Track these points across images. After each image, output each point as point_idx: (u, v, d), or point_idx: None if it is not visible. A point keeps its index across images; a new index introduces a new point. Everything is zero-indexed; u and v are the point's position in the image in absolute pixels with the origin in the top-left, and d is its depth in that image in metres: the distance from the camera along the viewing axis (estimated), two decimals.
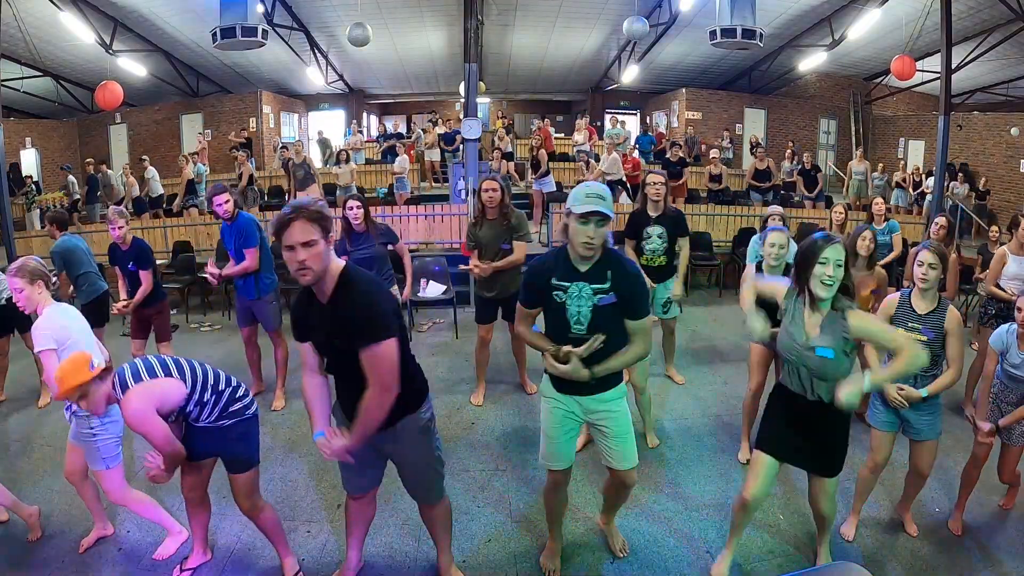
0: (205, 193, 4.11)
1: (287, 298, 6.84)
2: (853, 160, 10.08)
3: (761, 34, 8.95)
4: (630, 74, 13.20)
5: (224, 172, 11.52)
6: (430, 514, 2.34)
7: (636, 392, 3.48)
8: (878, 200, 5.46)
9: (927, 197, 9.98)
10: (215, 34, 8.59)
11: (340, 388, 2.10)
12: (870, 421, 2.72)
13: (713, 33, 8.97)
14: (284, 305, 6.69)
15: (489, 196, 3.81)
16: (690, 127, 13.01)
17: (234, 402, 2.30)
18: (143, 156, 10.39)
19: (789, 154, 9.94)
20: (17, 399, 4.34)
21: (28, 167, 11.55)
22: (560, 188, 9.92)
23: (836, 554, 2.63)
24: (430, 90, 15.97)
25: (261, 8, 9.18)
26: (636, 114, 16.27)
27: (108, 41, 10.20)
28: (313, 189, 8.93)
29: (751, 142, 12.17)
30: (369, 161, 12.33)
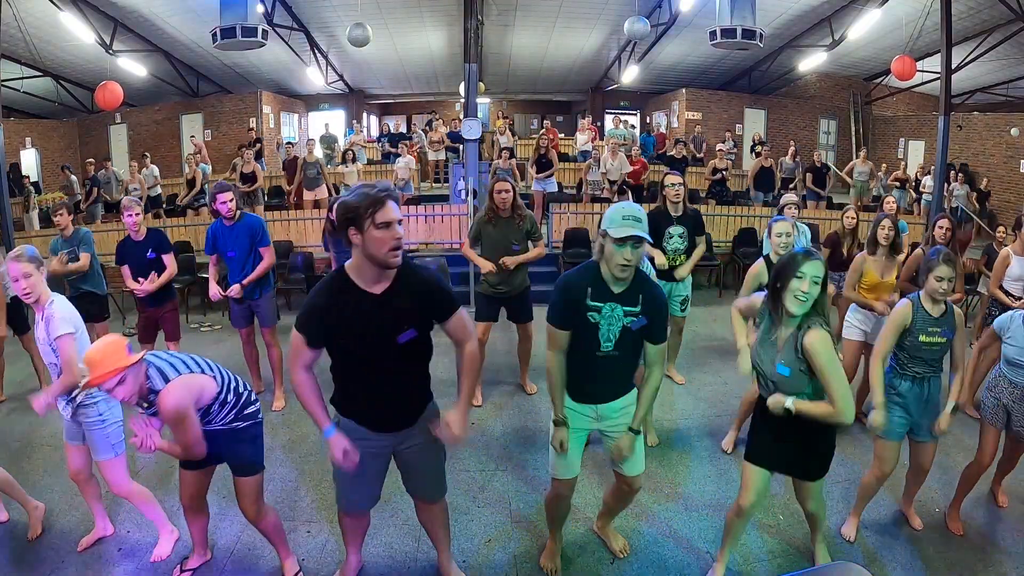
0: (211, 191, 4.09)
1: (287, 298, 6.85)
2: (856, 160, 10.07)
3: (761, 34, 8.95)
4: (630, 74, 13.20)
5: (225, 172, 11.53)
6: (433, 512, 2.33)
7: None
8: (889, 199, 5.51)
9: (923, 197, 10.00)
10: (215, 34, 8.59)
11: (362, 393, 2.02)
12: (883, 432, 2.64)
13: (713, 33, 8.97)
14: (284, 305, 6.74)
15: (503, 197, 3.85)
16: (697, 127, 13.00)
17: (249, 405, 2.30)
18: (145, 153, 10.39)
19: (792, 152, 9.93)
20: (17, 399, 4.34)
21: (28, 167, 11.54)
22: (560, 188, 9.91)
23: (836, 554, 2.64)
24: (430, 90, 15.96)
25: (261, 8, 9.17)
26: (636, 114, 16.27)
27: (108, 41, 10.19)
28: (322, 190, 8.94)
29: (754, 140, 12.14)
30: (370, 161, 12.33)
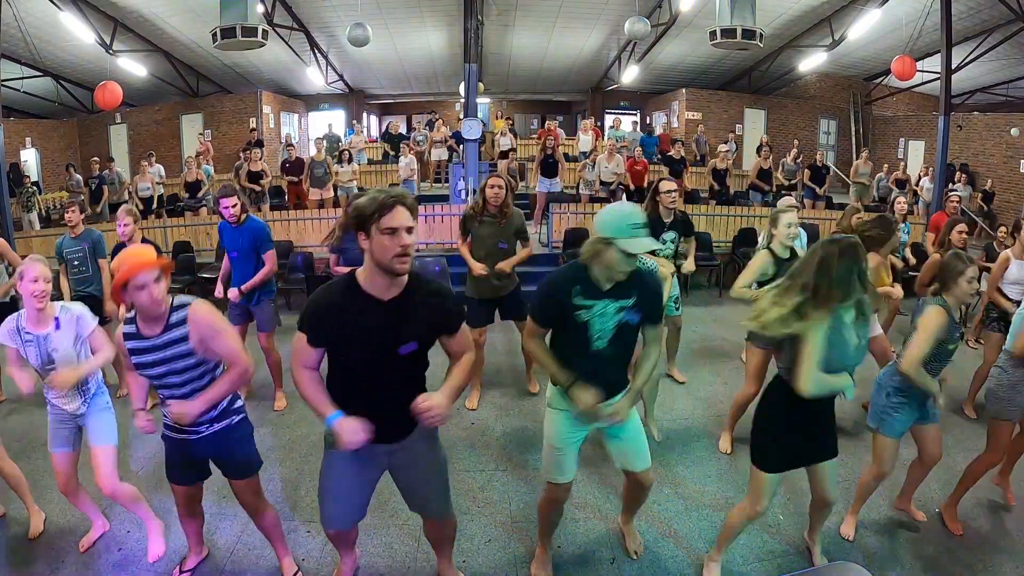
0: (214, 194, 4.07)
1: (287, 298, 6.84)
2: (859, 161, 10.08)
3: (761, 34, 8.96)
4: (630, 74, 13.19)
5: (226, 172, 11.53)
6: (442, 529, 2.25)
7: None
8: (900, 200, 5.63)
9: (920, 199, 10.01)
10: (215, 34, 8.60)
11: (358, 402, 1.87)
12: (886, 431, 2.61)
13: (713, 33, 8.98)
14: (284, 306, 6.73)
15: (495, 193, 3.81)
16: (700, 127, 12.98)
17: (236, 399, 2.29)
18: (150, 152, 10.39)
19: (794, 153, 9.93)
20: (17, 400, 4.34)
21: (27, 167, 11.53)
22: (562, 188, 9.91)
23: (836, 554, 2.64)
24: (430, 90, 15.95)
25: (261, 8, 9.18)
26: (636, 114, 16.26)
27: (108, 41, 10.19)
28: (328, 189, 8.94)
29: (762, 142, 12.18)
30: (371, 161, 12.34)
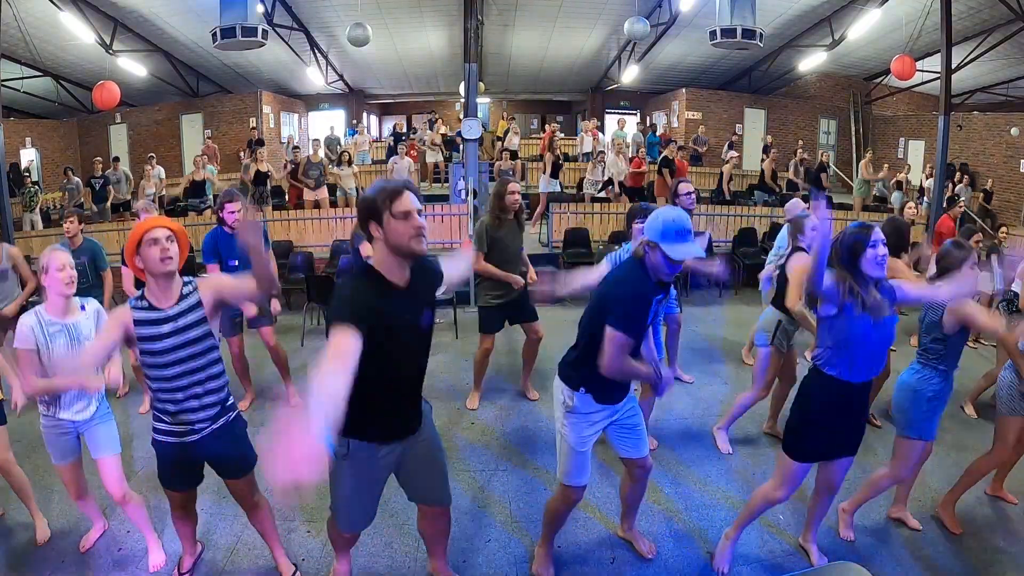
0: (219, 196, 4.03)
1: (287, 298, 6.84)
2: (863, 161, 10.10)
3: (761, 34, 8.96)
4: (630, 74, 13.19)
5: (228, 172, 11.53)
6: (441, 519, 2.25)
7: None
8: (910, 204, 5.84)
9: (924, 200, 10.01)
10: (215, 34, 8.60)
11: (387, 395, 1.88)
12: (927, 436, 2.60)
13: (713, 33, 8.98)
14: (284, 306, 6.72)
15: (514, 199, 3.87)
16: (701, 127, 13.00)
17: (230, 395, 2.26)
18: (151, 155, 10.40)
19: (800, 153, 9.98)
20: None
21: (33, 167, 11.53)
22: (561, 188, 9.96)
23: (836, 554, 2.64)
24: (430, 90, 15.95)
25: (261, 8, 9.18)
26: (636, 114, 16.26)
27: (108, 41, 10.19)
28: (323, 191, 8.93)
29: (766, 143, 12.23)
30: (374, 161, 12.36)
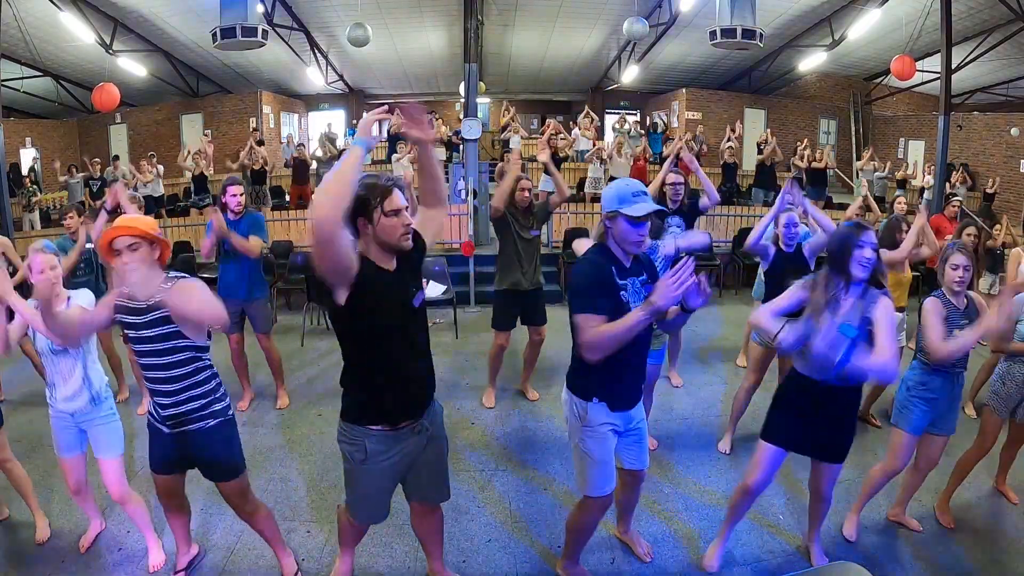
0: (222, 183, 4.04)
1: (287, 297, 6.85)
2: (862, 161, 10.10)
3: (761, 34, 8.96)
4: (630, 74, 13.19)
5: (226, 173, 11.50)
6: (436, 518, 2.29)
7: None
8: (900, 199, 5.76)
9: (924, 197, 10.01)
10: (215, 34, 8.60)
11: (395, 372, 1.99)
12: (902, 424, 2.64)
13: (713, 33, 8.98)
14: (284, 306, 6.74)
15: (524, 196, 3.91)
16: (699, 126, 12.99)
17: (216, 401, 2.20)
18: (151, 153, 10.40)
19: (800, 154, 9.98)
20: (22, 399, 4.34)
21: (28, 167, 11.52)
22: None
23: (836, 554, 2.64)
24: (430, 90, 15.95)
25: (261, 8, 9.18)
26: (636, 114, 16.26)
27: (108, 41, 10.19)
28: None
29: (763, 139, 12.19)
30: (373, 161, 12.34)
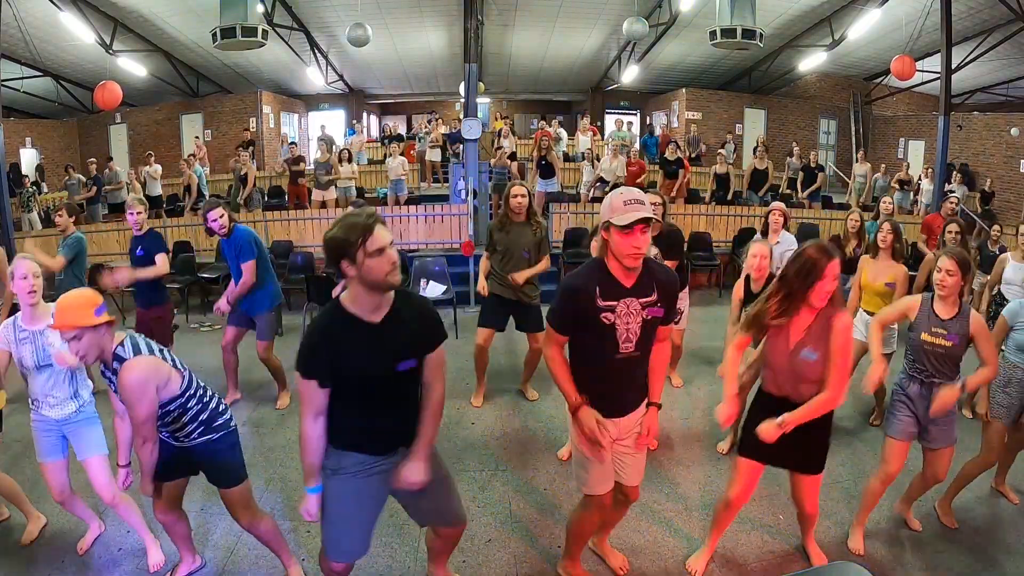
0: (201, 211, 4.09)
1: (287, 298, 6.83)
2: (856, 163, 10.11)
3: (761, 34, 8.95)
4: (630, 74, 13.19)
5: (225, 173, 11.51)
6: (456, 536, 2.19)
7: None
8: (886, 200, 5.56)
9: (920, 199, 10.00)
10: (215, 34, 8.59)
11: (361, 420, 1.87)
12: (887, 431, 2.67)
13: (713, 33, 8.98)
14: (284, 306, 6.72)
15: (518, 202, 3.85)
16: (693, 127, 13.00)
17: (218, 416, 2.23)
18: (150, 152, 10.39)
19: (798, 152, 9.98)
20: (17, 400, 4.33)
21: (27, 167, 11.52)
22: (561, 188, 9.94)
23: (836, 554, 2.64)
24: (430, 90, 15.94)
25: (261, 8, 9.17)
26: (636, 114, 16.26)
27: (108, 41, 10.18)
28: (331, 192, 8.92)
29: (760, 142, 12.21)
30: (372, 161, 12.34)
